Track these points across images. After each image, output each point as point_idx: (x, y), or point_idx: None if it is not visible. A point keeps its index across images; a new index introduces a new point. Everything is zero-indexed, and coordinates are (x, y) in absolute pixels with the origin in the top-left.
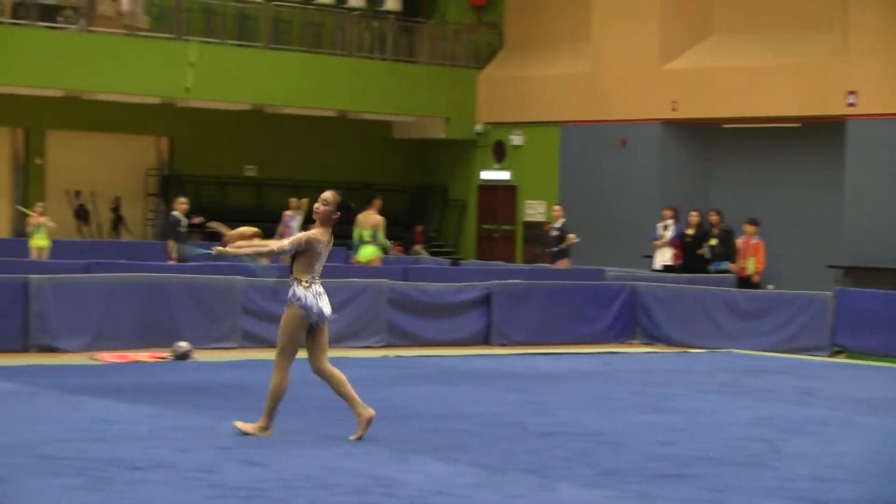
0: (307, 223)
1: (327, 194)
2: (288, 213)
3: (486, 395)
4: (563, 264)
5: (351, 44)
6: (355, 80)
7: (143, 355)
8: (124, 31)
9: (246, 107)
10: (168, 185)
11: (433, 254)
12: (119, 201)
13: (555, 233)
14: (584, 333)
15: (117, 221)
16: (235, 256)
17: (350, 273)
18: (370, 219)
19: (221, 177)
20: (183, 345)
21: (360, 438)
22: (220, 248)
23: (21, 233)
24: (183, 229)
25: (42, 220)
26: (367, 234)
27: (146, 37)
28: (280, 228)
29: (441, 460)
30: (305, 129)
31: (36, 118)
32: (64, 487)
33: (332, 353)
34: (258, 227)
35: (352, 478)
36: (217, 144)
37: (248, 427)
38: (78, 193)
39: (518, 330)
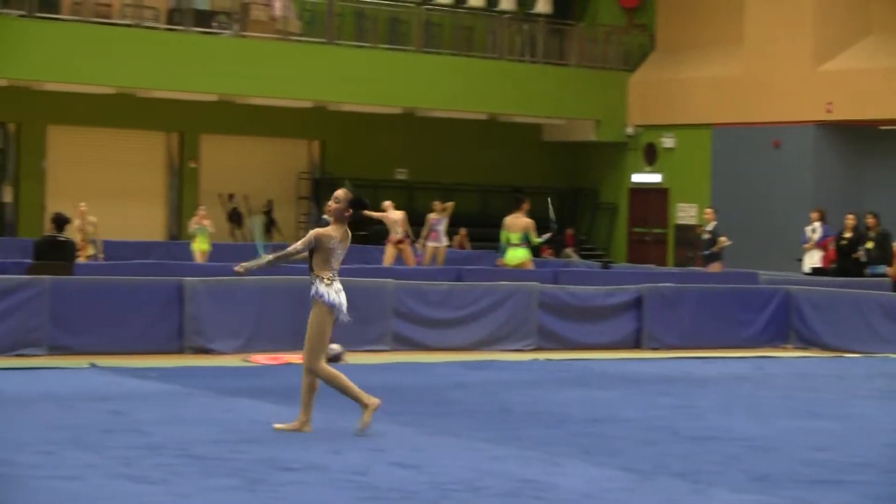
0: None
1: (339, 192)
2: (433, 216)
3: (637, 398)
4: (714, 268)
5: (501, 46)
6: (506, 82)
7: (296, 357)
8: (277, 36)
9: (397, 110)
10: (319, 189)
11: (584, 257)
12: (271, 204)
13: (706, 236)
14: (736, 337)
15: (269, 224)
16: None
17: (500, 276)
18: (519, 222)
19: (372, 180)
20: (335, 347)
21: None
22: (242, 266)
23: (175, 236)
24: None
25: (205, 222)
26: (515, 238)
27: (298, 41)
28: (425, 231)
29: (591, 464)
30: (456, 132)
31: (190, 122)
32: (217, 488)
33: (482, 355)
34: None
35: (501, 480)
36: (368, 148)
37: (287, 426)
38: (231, 197)
39: (669, 333)
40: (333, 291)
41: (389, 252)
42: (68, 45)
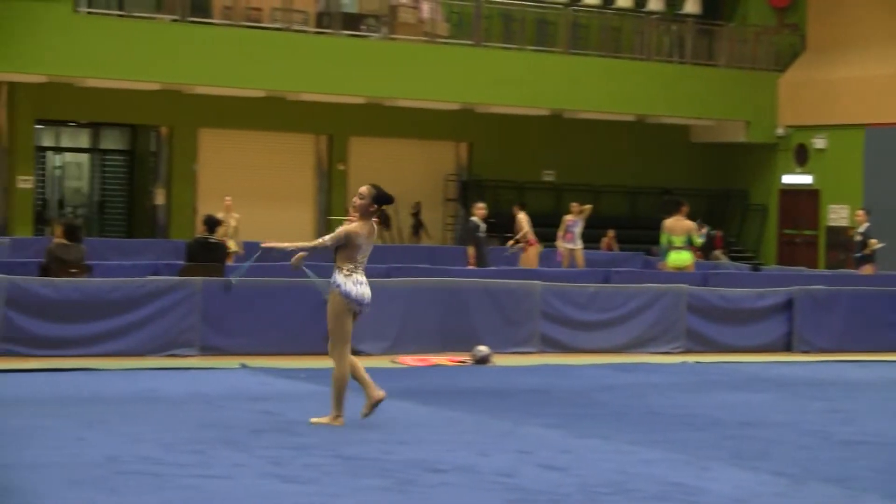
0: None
1: (363, 189)
2: (569, 217)
3: (788, 402)
4: (867, 270)
5: (650, 47)
6: (654, 83)
7: (444, 359)
8: (425, 39)
9: (544, 112)
10: (467, 191)
11: (733, 259)
12: (419, 206)
13: (858, 238)
14: (888, 340)
15: (417, 226)
16: (296, 269)
17: (648, 278)
18: (681, 224)
19: (519, 182)
20: (483, 349)
21: (367, 416)
22: (269, 244)
23: None
24: (482, 234)
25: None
26: (678, 241)
27: (446, 43)
28: (561, 232)
29: (741, 468)
30: (603, 134)
31: (339, 125)
32: (366, 488)
33: (631, 358)
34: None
35: (651, 483)
36: (516, 149)
37: (322, 420)
38: None
39: (821, 336)
40: (351, 282)
41: (527, 253)
42: (219, 48)
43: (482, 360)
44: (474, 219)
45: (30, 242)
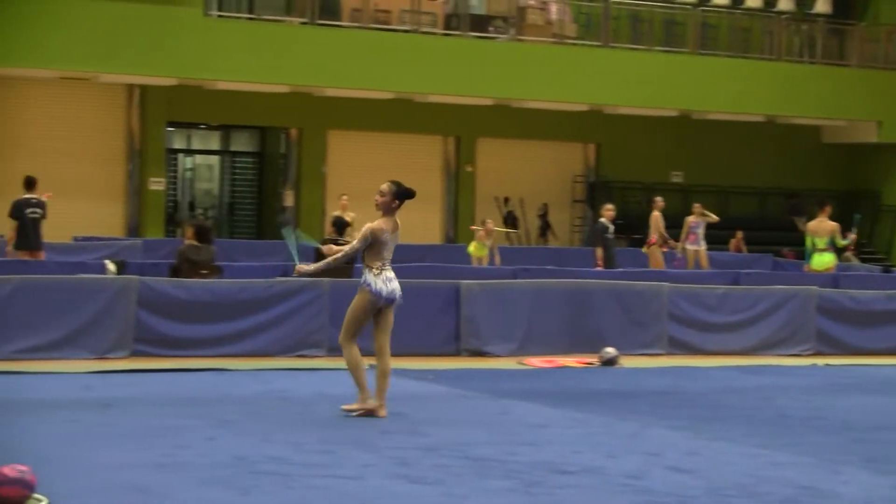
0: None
1: (384, 186)
2: (692, 218)
3: None
4: None
5: (779, 47)
6: (783, 84)
7: (571, 360)
8: (553, 40)
9: (672, 113)
10: (594, 192)
11: (864, 261)
12: (546, 208)
13: None
14: None
15: (545, 228)
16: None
17: (778, 280)
18: (824, 226)
19: (647, 183)
20: (610, 350)
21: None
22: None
23: (452, 239)
24: (610, 236)
25: (492, 229)
26: (821, 242)
27: (574, 45)
28: (683, 234)
29: (873, 472)
30: (732, 135)
31: (466, 126)
32: (493, 490)
33: (759, 360)
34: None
35: (780, 487)
36: (643, 150)
37: (354, 406)
38: (506, 200)
39: None
40: (381, 281)
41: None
42: (348, 51)
43: (609, 362)
44: (602, 220)
45: (161, 244)
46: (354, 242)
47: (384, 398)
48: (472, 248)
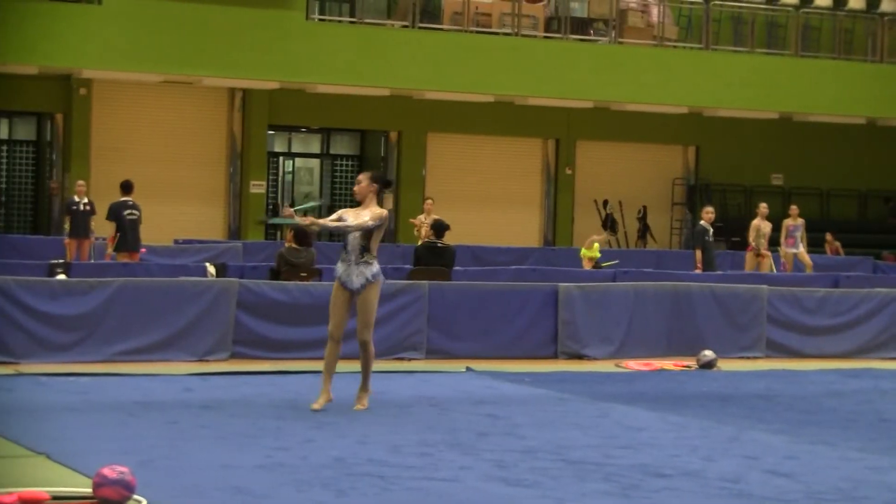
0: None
1: (359, 176)
2: (789, 221)
3: None
4: None
5: (882, 49)
6: (886, 85)
7: (668, 363)
8: (653, 42)
9: (773, 115)
10: (694, 194)
11: None
12: (645, 210)
13: None
14: None
15: (644, 230)
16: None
17: (878, 283)
18: None
19: (747, 185)
20: (708, 353)
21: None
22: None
23: (551, 242)
24: (710, 238)
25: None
26: None
27: (675, 47)
28: (783, 237)
29: None
30: (833, 137)
31: (566, 129)
32: (590, 493)
33: (859, 363)
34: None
35: (880, 491)
36: (743, 153)
37: (363, 404)
38: (605, 203)
39: None
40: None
41: (749, 260)
42: (448, 54)
43: (707, 365)
44: (702, 223)
45: (261, 247)
46: (368, 221)
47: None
48: (585, 251)
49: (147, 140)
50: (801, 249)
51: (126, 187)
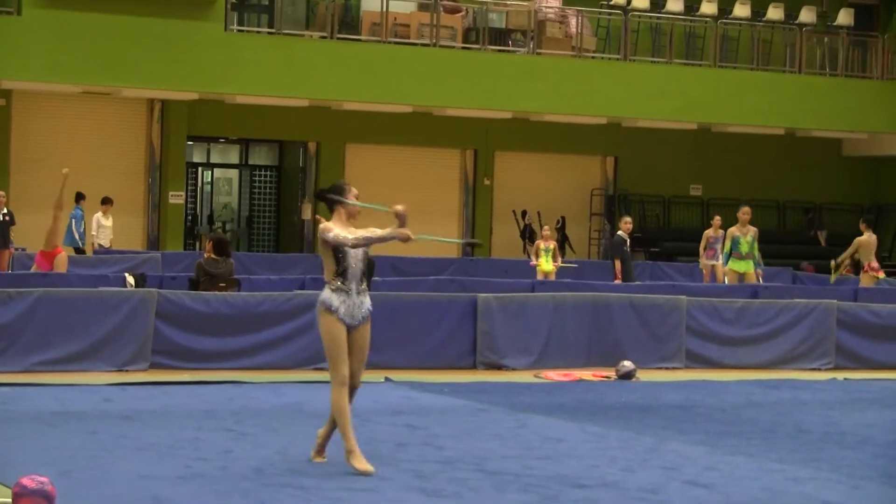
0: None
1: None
2: (710, 232)
3: None
4: None
5: (800, 60)
6: (804, 96)
7: (588, 374)
8: (572, 53)
9: (692, 126)
10: (613, 205)
11: (888, 274)
12: (564, 221)
13: None
14: None
15: (562, 241)
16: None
17: (797, 294)
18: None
19: (666, 196)
20: (627, 364)
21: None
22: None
23: (469, 253)
24: (628, 249)
25: (552, 244)
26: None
27: (593, 58)
28: (702, 248)
29: (893, 487)
30: (752, 148)
31: (485, 140)
32: (509, 503)
33: (778, 374)
34: None
35: (798, 501)
36: (662, 164)
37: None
38: (524, 213)
39: None
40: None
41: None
42: (367, 65)
43: (626, 376)
44: (620, 233)
45: (180, 257)
46: (379, 231)
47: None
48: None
49: (66, 151)
50: (720, 262)
51: None
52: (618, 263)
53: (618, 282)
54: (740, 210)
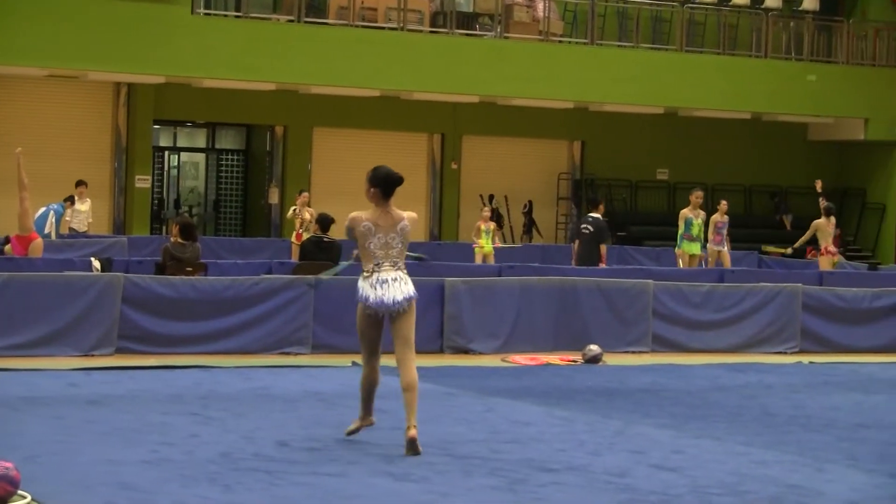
0: None
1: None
2: (717, 217)
3: None
4: None
5: (766, 45)
6: (770, 81)
7: (555, 358)
8: (539, 38)
9: (659, 110)
10: (580, 189)
11: (850, 258)
12: (531, 205)
13: None
14: None
15: (529, 225)
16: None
17: (763, 277)
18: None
19: (633, 180)
20: (594, 348)
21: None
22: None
23: (437, 236)
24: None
25: (492, 225)
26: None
27: (560, 42)
28: (710, 235)
29: (858, 470)
30: (718, 132)
31: (452, 124)
32: (477, 487)
33: (744, 358)
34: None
35: (765, 485)
36: (629, 148)
37: (352, 427)
38: (491, 197)
39: None
40: (369, 285)
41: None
42: (334, 48)
43: (593, 360)
44: (600, 217)
45: (146, 241)
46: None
47: (411, 417)
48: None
49: (32, 134)
50: (726, 249)
51: None
52: (603, 248)
53: (602, 265)
54: (693, 193)
